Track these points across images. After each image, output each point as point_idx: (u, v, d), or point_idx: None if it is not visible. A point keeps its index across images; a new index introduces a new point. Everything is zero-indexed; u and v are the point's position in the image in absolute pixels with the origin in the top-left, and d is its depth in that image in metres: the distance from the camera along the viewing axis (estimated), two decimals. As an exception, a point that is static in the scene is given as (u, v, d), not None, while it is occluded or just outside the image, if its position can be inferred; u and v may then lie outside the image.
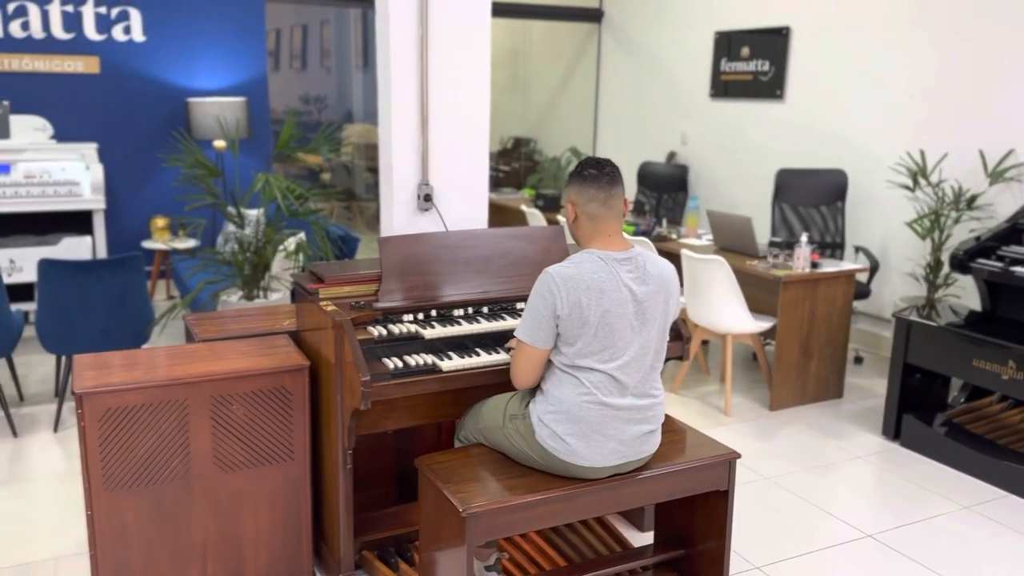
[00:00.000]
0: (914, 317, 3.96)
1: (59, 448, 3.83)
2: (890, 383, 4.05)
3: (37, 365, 4.84)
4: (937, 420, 3.95)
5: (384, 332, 2.60)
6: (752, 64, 6.12)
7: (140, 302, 4.06)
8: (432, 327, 2.67)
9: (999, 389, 3.63)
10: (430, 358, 2.54)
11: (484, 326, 2.70)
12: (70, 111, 5.98)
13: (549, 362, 2.30)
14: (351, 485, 2.63)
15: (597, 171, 2.32)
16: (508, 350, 2.61)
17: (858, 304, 5.33)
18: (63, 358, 4.14)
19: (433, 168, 3.09)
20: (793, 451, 3.92)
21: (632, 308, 2.23)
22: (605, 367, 2.21)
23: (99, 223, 5.66)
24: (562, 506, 2.26)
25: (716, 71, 6.44)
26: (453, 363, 2.53)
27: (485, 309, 2.82)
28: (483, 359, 2.57)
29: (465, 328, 2.68)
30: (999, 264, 3.99)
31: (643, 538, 3.06)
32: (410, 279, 2.77)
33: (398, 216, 3.10)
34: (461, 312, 2.79)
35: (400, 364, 2.49)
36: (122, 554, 2.54)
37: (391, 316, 2.70)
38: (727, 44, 6.31)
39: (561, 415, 2.24)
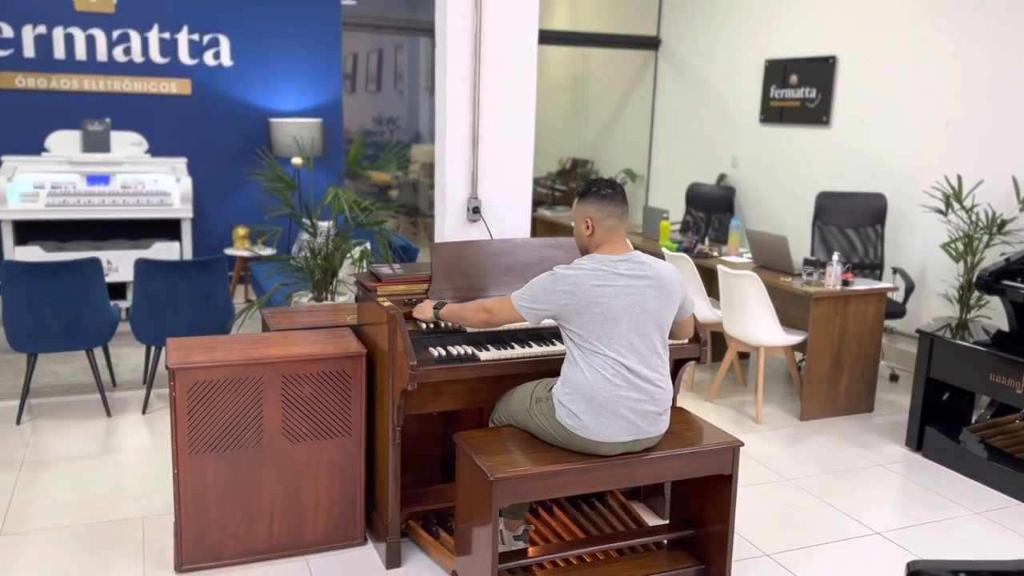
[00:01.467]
0: (936, 332, 4.16)
1: (146, 427, 4.31)
2: (913, 396, 4.24)
3: (128, 356, 5.37)
4: (960, 433, 4.12)
5: (431, 326, 2.97)
6: (800, 91, 6.35)
7: (222, 300, 4.53)
8: (474, 322, 3.02)
9: (1014, 402, 3.81)
10: (470, 349, 2.90)
11: (520, 323, 3.05)
12: (164, 128, 6.57)
13: (567, 348, 2.64)
14: (399, 459, 3.00)
15: (613, 191, 2.68)
16: (526, 338, 2.95)
17: (895, 323, 5.49)
18: (152, 348, 4.63)
19: (482, 184, 3.46)
20: (816, 457, 4.15)
21: (628, 300, 2.56)
22: (609, 352, 2.54)
23: (186, 230, 6.22)
24: (578, 478, 2.58)
25: (766, 97, 6.69)
26: (490, 354, 2.88)
27: (522, 309, 3.16)
28: (517, 351, 2.92)
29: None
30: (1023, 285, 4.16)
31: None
32: (457, 280, 3.13)
33: (450, 226, 3.47)
34: (501, 311, 3.13)
35: (443, 352, 2.85)
36: (201, 509, 2.95)
37: (439, 312, 3.06)
38: (777, 72, 6.56)
39: (576, 396, 2.57)
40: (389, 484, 3.00)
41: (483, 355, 2.87)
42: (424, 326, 2.96)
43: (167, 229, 6.29)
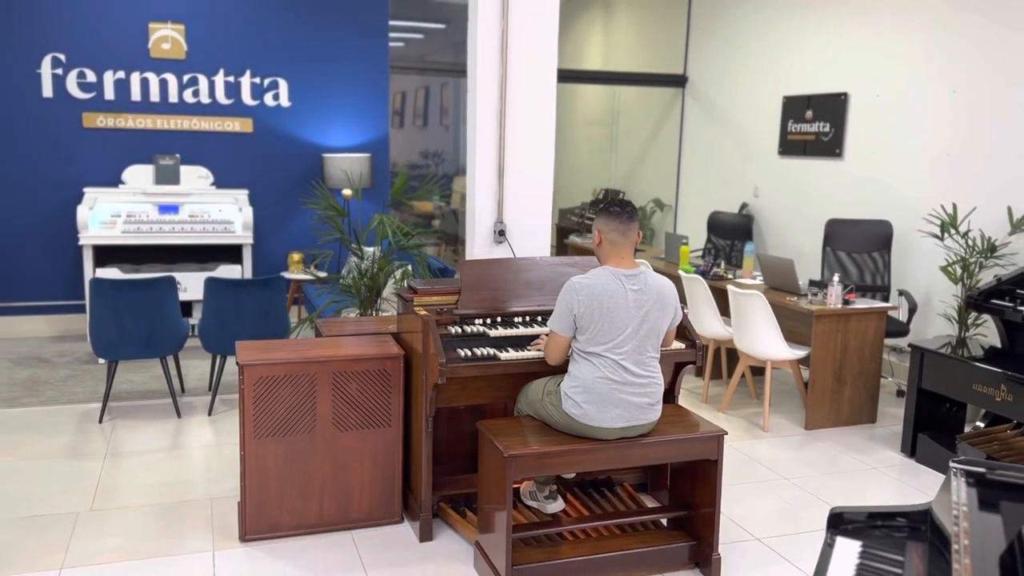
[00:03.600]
0: (926, 347, 4.51)
1: (211, 427, 4.85)
2: (907, 405, 4.59)
3: (193, 368, 5.95)
4: (955, 442, 4.45)
5: (460, 331, 3.46)
6: (815, 125, 6.76)
7: (280, 314, 5.08)
8: (496, 329, 3.51)
9: (995, 410, 4.14)
10: (492, 350, 3.37)
11: (536, 329, 3.52)
12: (228, 163, 7.22)
13: (572, 349, 3.09)
14: (432, 447, 3.47)
15: (620, 209, 3.13)
16: (536, 337, 3.41)
17: (900, 342, 5.82)
18: (218, 358, 5.19)
19: (507, 209, 3.96)
20: (816, 460, 4.51)
21: (633, 312, 3.00)
22: (611, 354, 2.99)
23: (247, 255, 6.82)
24: (580, 457, 3.02)
25: (784, 131, 7.11)
26: (510, 355, 3.35)
27: (539, 318, 3.64)
28: (532, 353, 3.38)
29: (521, 331, 3.51)
30: (1010, 304, 4.50)
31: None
32: (483, 293, 3.62)
33: (478, 246, 3.97)
34: (520, 319, 3.61)
35: (469, 353, 3.33)
36: (263, 486, 3.46)
37: (466, 320, 3.55)
38: (794, 107, 6.98)
39: (579, 389, 3.02)
40: (423, 468, 3.47)
41: (503, 355, 3.34)
42: (453, 330, 3.45)
43: (230, 254, 6.91)
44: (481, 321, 3.55)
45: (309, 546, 3.46)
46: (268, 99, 7.29)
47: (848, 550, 1.92)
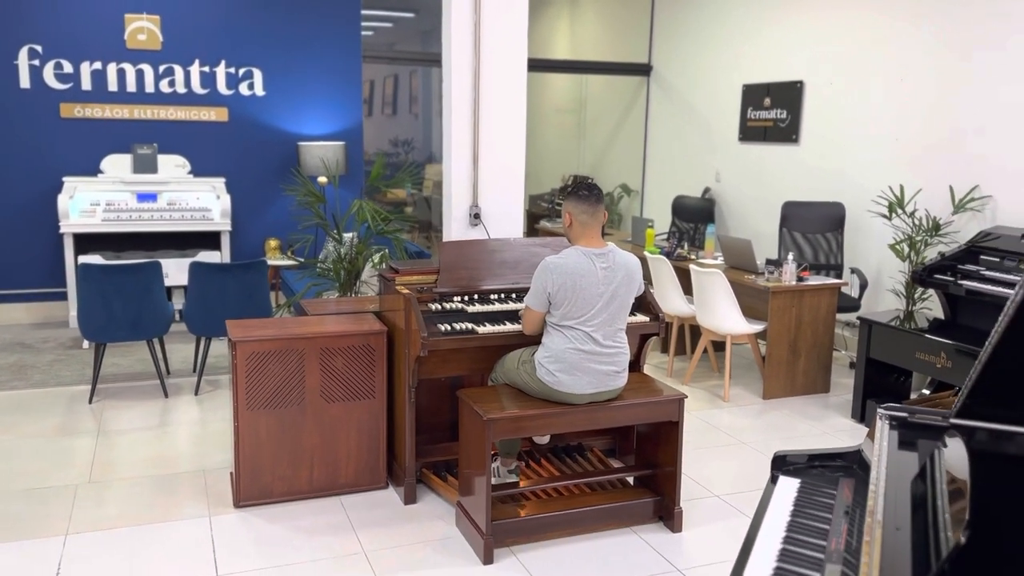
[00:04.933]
0: (875, 319, 4.84)
1: (199, 406, 5.04)
2: (856, 374, 4.92)
3: (176, 351, 6.12)
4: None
5: (440, 307, 3.70)
6: (773, 112, 7.07)
7: (263, 297, 5.28)
8: (474, 305, 3.75)
9: (936, 376, 4.48)
10: (470, 325, 3.61)
11: (511, 306, 3.77)
12: (205, 152, 7.36)
13: (546, 322, 3.35)
14: (415, 416, 3.71)
15: (588, 192, 3.38)
16: (514, 313, 3.66)
17: (852, 317, 6.16)
18: (202, 340, 5.37)
19: (481, 194, 4.19)
20: (772, 426, 4.83)
21: (603, 288, 3.26)
22: (582, 327, 3.25)
23: (225, 242, 6.99)
24: (553, 420, 3.29)
25: (744, 118, 7.41)
26: (487, 329, 3.60)
27: (514, 295, 3.88)
28: (508, 327, 3.63)
29: (497, 307, 3.75)
30: (952, 279, 4.83)
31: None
32: (460, 272, 3.86)
33: (455, 229, 4.21)
34: (496, 296, 3.86)
35: (449, 327, 3.57)
36: (256, 455, 3.68)
37: (445, 297, 3.78)
38: (753, 95, 7.29)
39: (553, 358, 3.28)
40: (406, 436, 3.72)
41: (481, 329, 3.58)
42: (433, 307, 3.69)
43: (208, 240, 7.07)
44: (459, 298, 3.79)
45: (300, 510, 3.69)
46: (243, 88, 7.44)
47: (789, 486, 2.19)
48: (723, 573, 3.21)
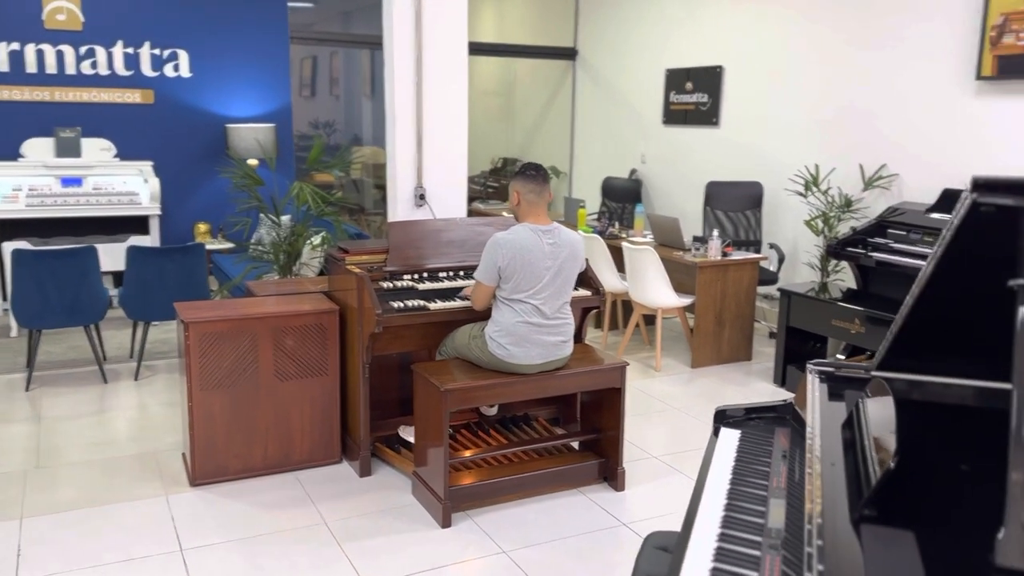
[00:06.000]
0: (794, 290, 5.17)
1: (139, 391, 5.03)
2: (777, 342, 5.25)
3: (111, 337, 6.05)
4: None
5: (391, 285, 3.82)
6: (694, 96, 7.37)
7: (201, 281, 5.28)
8: (424, 283, 3.88)
9: (851, 341, 4.84)
10: (422, 302, 3.75)
11: (459, 283, 3.92)
12: (130, 134, 7.23)
13: (495, 297, 3.51)
14: (368, 391, 3.83)
15: (535, 172, 3.56)
16: (461, 289, 3.82)
17: (770, 289, 6.53)
18: (139, 325, 5.34)
19: (426, 174, 4.32)
20: (701, 392, 5.12)
21: (549, 262, 3.45)
22: (530, 300, 3.43)
23: (155, 226, 6.90)
24: (505, 389, 3.47)
25: (667, 102, 7.70)
26: (437, 305, 3.74)
27: (462, 273, 4.03)
28: (457, 304, 3.78)
29: (446, 284, 3.90)
30: (863, 251, 5.20)
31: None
32: (409, 251, 3.98)
33: (401, 209, 4.32)
34: (444, 274, 4.00)
35: (402, 304, 3.70)
36: (210, 434, 3.74)
37: (395, 276, 3.91)
38: (675, 79, 7.57)
39: (503, 332, 3.45)
40: (360, 411, 3.84)
41: (432, 305, 3.73)
42: (385, 285, 3.81)
43: (136, 225, 6.95)
44: (409, 277, 3.92)
45: (257, 486, 3.78)
46: (168, 70, 7.32)
47: (730, 436, 2.42)
48: (664, 525, 3.46)
